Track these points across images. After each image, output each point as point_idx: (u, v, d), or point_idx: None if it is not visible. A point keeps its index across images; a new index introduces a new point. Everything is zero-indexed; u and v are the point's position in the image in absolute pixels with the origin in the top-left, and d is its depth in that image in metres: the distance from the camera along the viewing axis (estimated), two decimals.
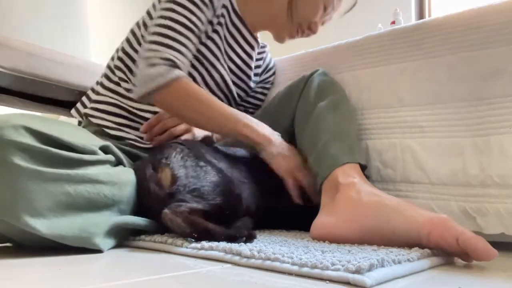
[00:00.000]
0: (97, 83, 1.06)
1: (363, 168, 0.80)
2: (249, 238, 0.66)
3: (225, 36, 1.02)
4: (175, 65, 0.87)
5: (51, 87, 1.30)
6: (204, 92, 0.89)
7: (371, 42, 0.99)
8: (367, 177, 0.80)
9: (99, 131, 0.95)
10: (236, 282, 0.45)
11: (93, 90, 1.06)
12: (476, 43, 0.83)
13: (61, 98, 1.40)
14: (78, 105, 1.07)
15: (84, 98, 1.07)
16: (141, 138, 0.96)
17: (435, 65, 0.87)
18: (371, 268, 0.45)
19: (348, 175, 0.75)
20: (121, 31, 1.08)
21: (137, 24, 1.02)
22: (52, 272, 0.51)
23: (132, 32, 1.02)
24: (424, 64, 0.89)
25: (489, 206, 0.76)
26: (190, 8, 0.91)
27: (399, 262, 0.51)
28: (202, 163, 0.79)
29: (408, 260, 0.52)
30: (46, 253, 0.62)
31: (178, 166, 0.77)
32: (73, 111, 1.07)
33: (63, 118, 1.59)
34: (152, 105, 0.94)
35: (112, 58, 1.05)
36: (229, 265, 0.54)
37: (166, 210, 0.68)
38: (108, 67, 1.04)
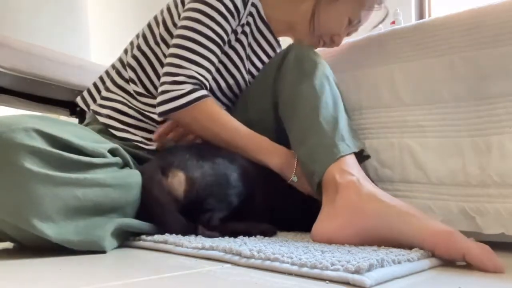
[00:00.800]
0: (108, 74, 1.03)
1: (360, 154, 0.77)
2: (274, 233, 0.75)
3: (249, 44, 1.00)
4: (200, 83, 0.87)
5: (51, 87, 1.30)
6: (225, 115, 0.88)
7: (371, 42, 0.99)
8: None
9: (103, 130, 0.93)
10: (236, 282, 0.46)
11: (103, 82, 1.03)
12: (476, 43, 0.83)
13: (61, 98, 1.40)
14: (86, 95, 1.04)
15: (93, 89, 1.04)
16: (148, 139, 0.95)
17: (435, 65, 0.87)
18: (370, 268, 0.45)
19: (345, 172, 0.71)
20: (121, 31, 1.08)
21: (156, 19, 0.99)
22: (52, 272, 0.51)
23: (150, 27, 0.99)
24: (424, 64, 0.89)
25: (488, 206, 0.76)
26: (217, 19, 0.89)
27: (399, 262, 0.51)
28: (218, 160, 0.79)
29: (408, 260, 0.52)
30: (46, 253, 0.62)
31: (193, 167, 0.75)
32: (79, 99, 1.05)
33: (63, 118, 1.59)
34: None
35: (126, 52, 1.02)
36: (229, 265, 0.54)
37: (200, 227, 0.71)
38: (121, 61, 1.01)
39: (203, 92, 0.87)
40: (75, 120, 1.21)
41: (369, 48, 0.98)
